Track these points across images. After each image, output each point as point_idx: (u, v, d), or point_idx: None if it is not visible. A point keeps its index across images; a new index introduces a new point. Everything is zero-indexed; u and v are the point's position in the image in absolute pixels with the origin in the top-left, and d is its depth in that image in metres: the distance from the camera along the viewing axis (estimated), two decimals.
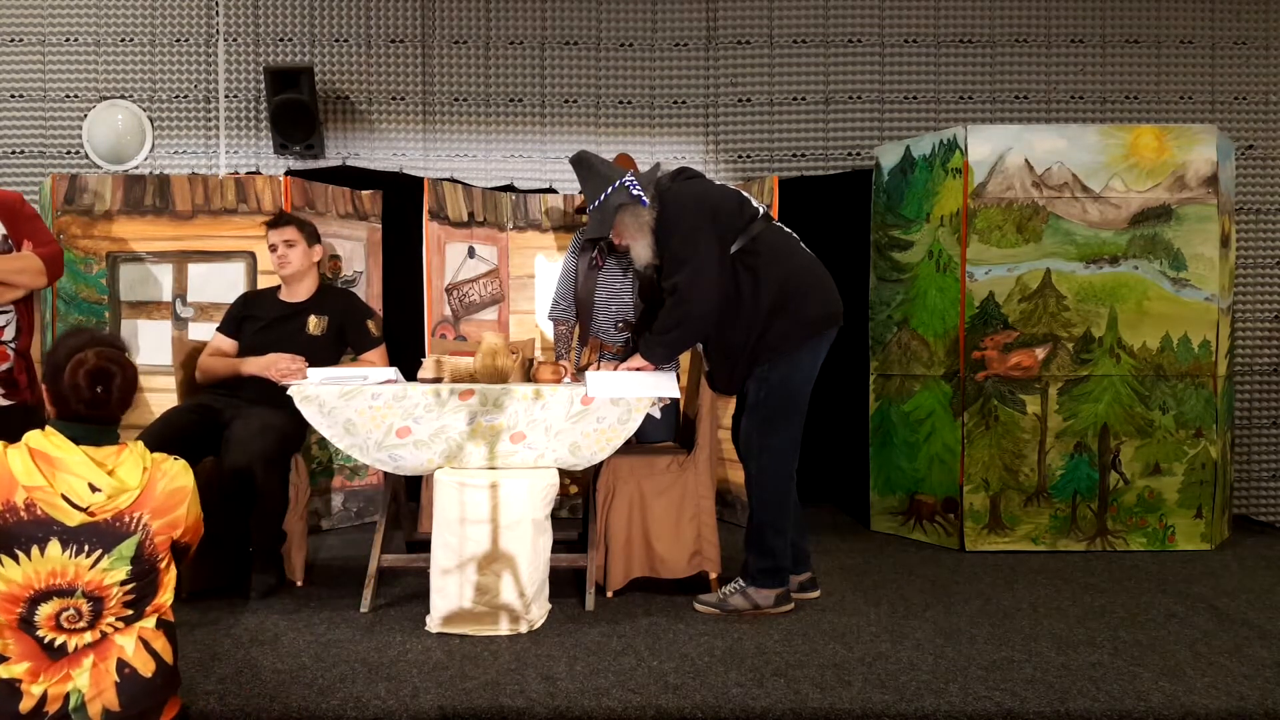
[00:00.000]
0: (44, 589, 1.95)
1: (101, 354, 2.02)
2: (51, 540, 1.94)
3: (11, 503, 1.93)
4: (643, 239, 3.31)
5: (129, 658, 2.03)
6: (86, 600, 1.98)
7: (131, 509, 2.00)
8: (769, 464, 3.29)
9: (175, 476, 2.09)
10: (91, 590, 1.98)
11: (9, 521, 1.93)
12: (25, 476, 1.93)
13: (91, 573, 1.97)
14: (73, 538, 1.95)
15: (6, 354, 3.16)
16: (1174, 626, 3.19)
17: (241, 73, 5.59)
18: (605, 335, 4.05)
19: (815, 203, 5.41)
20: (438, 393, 3.21)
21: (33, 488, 1.93)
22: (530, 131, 5.67)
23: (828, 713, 2.44)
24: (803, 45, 5.68)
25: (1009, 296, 4.39)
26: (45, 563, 1.94)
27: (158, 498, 2.04)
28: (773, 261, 3.24)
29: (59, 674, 1.98)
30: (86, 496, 1.95)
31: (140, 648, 2.05)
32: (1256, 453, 5.63)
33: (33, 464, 1.94)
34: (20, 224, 3.22)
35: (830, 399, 4.99)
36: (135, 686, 2.03)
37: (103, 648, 2.02)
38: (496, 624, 3.05)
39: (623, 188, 3.30)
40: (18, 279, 3.16)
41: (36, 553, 1.94)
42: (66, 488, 1.94)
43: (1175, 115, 5.64)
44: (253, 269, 4.67)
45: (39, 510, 1.94)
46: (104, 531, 1.98)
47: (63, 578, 1.96)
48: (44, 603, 1.96)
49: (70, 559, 1.95)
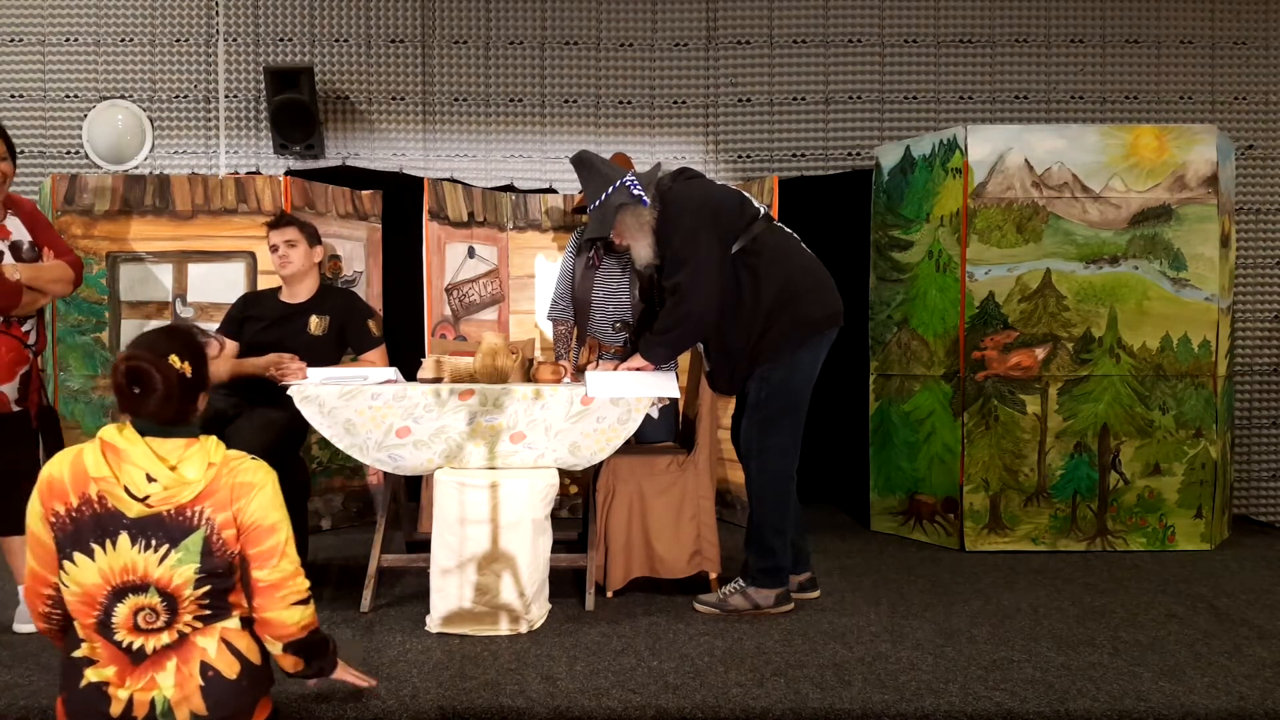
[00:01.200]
0: (119, 585, 1.96)
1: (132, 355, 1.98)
2: (121, 533, 1.95)
3: (86, 495, 1.95)
4: (643, 239, 3.31)
5: (212, 660, 2.01)
6: (161, 598, 1.97)
7: (194, 502, 1.99)
8: (769, 464, 3.29)
9: (244, 472, 2.06)
10: (164, 587, 1.97)
11: (85, 515, 1.95)
12: (95, 468, 1.95)
13: (161, 569, 1.97)
14: (140, 530, 1.95)
15: (28, 357, 3.19)
16: (1174, 626, 3.19)
17: (241, 73, 5.59)
18: (603, 335, 4.05)
19: (815, 203, 5.41)
20: (438, 393, 3.21)
21: (100, 479, 1.95)
22: (530, 131, 5.67)
23: (828, 713, 2.44)
24: (803, 45, 5.68)
25: (1009, 296, 4.39)
26: (118, 557, 1.95)
27: (221, 493, 2.01)
28: (773, 262, 3.24)
29: (144, 678, 1.98)
30: (144, 487, 1.95)
31: (223, 649, 2.03)
32: (1256, 453, 5.63)
33: (102, 456, 1.96)
34: (40, 231, 3.26)
35: (830, 399, 4.99)
36: (220, 690, 2.00)
37: (184, 650, 2.01)
38: (496, 624, 3.05)
39: (623, 188, 3.30)
40: (53, 288, 3.22)
41: (110, 546, 1.95)
42: (128, 478, 1.95)
43: (1175, 115, 5.64)
44: (253, 269, 4.67)
45: (109, 503, 1.95)
46: (169, 525, 1.97)
47: (135, 573, 1.96)
48: (121, 602, 1.96)
49: (140, 553, 1.95)
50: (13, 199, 3.26)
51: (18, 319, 3.14)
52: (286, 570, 2.10)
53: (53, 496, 1.97)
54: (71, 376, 4.65)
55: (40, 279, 3.16)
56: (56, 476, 1.97)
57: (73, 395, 4.61)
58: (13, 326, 3.14)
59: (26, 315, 3.16)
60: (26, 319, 3.17)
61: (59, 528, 1.96)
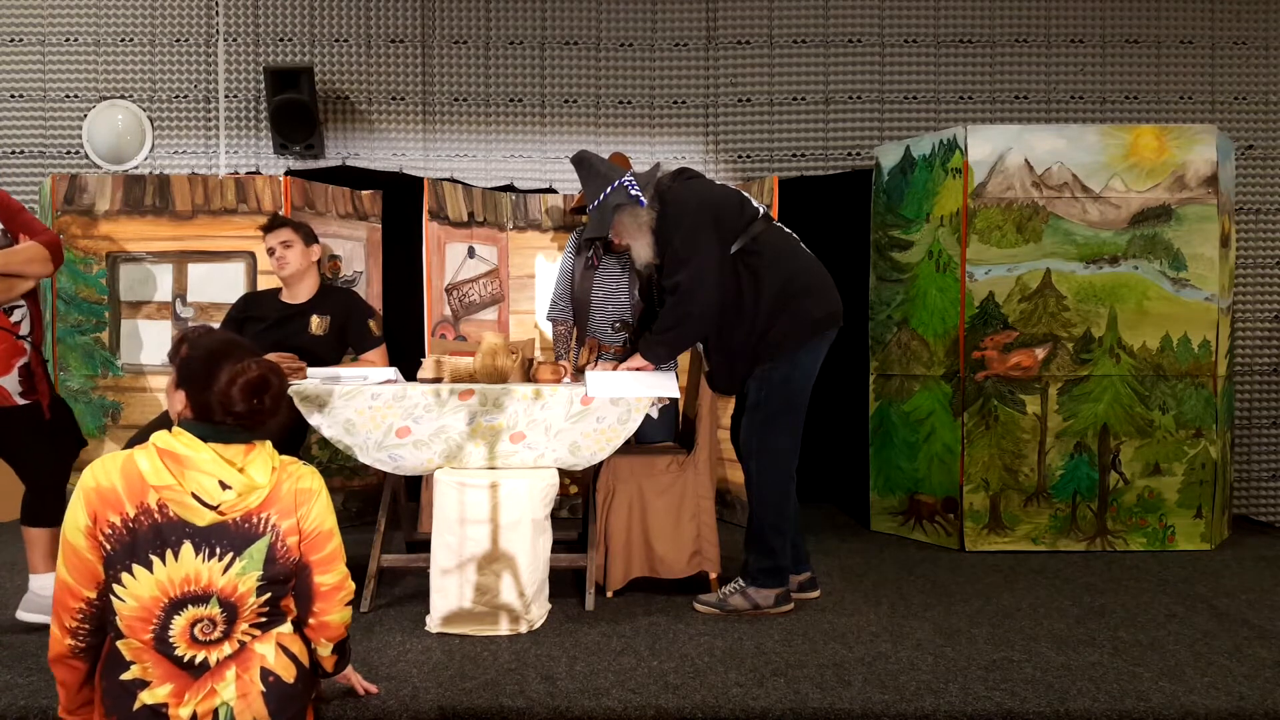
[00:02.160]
0: (179, 596, 1.89)
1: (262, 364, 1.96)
2: (185, 543, 1.88)
3: (145, 504, 1.88)
4: (642, 239, 3.31)
5: (271, 665, 1.97)
6: (221, 609, 1.92)
7: (260, 509, 1.95)
8: (769, 464, 3.29)
9: (302, 477, 2.03)
10: (227, 597, 1.92)
11: (144, 525, 1.88)
12: (154, 476, 1.88)
13: (225, 577, 1.91)
14: (204, 539, 1.89)
15: (24, 348, 3.16)
16: (1174, 626, 3.19)
17: (241, 73, 5.59)
18: (602, 335, 4.06)
19: (815, 203, 5.41)
20: (437, 393, 3.21)
21: (162, 487, 1.88)
22: (530, 131, 5.67)
23: (828, 713, 2.44)
24: (803, 45, 5.68)
25: (1009, 296, 4.39)
26: (179, 568, 1.88)
27: (285, 498, 1.99)
28: (773, 261, 3.24)
29: (204, 690, 1.92)
30: (217, 494, 1.90)
31: (280, 653, 2.00)
32: (1256, 453, 5.63)
33: (161, 463, 1.89)
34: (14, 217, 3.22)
35: (830, 399, 4.99)
36: (281, 694, 1.98)
37: (243, 657, 1.96)
38: (496, 624, 3.05)
39: (621, 188, 3.30)
40: (29, 269, 3.16)
41: (170, 557, 1.88)
42: (196, 486, 1.89)
43: (1175, 115, 5.64)
44: (252, 269, 4.67)
45: (170, 511, 1.88)
46: (234, 533, 1.92)
47: (197, 584, 1.90)
48: (178, 614, 1.90)
49: (203, 563, 1.89)
50: None
51: (4, 309, 3.11)
52: (343, 573, 2.12)
53: (106, 507, 1.88)
54: (71, 376, 4.65)
55: (11, 263, 3.10)
56: (107, 485, 1.89)
57: (72, 395, 4.61)
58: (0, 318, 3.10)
59: (12, 304, 3.13)
60: (14, 308, 3.14)
61: (114, 540, 1.88)
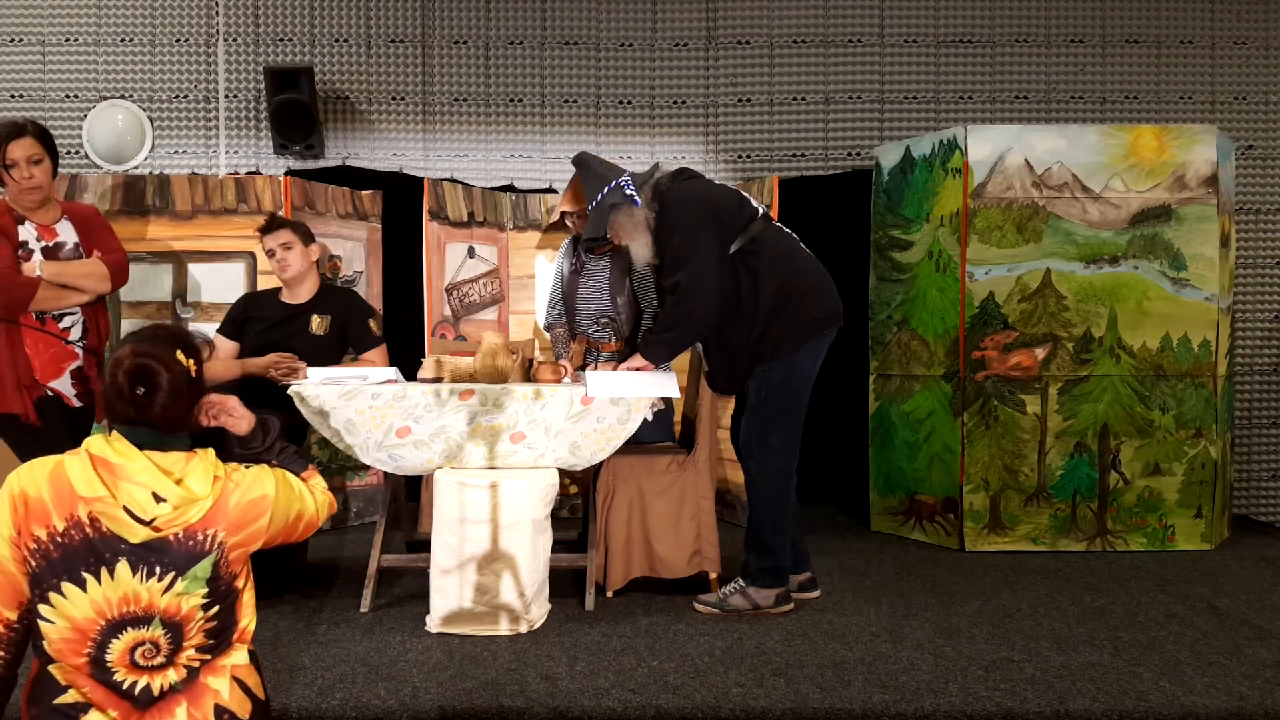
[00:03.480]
0: (117, 618, 1.70)
1: (140, 350, 1.76)
2: (120, 560, 1.69)
3: (75, 517, 1.69)
4: (640, 238, 3.31)
5: (226, 701, 1.79)
6: (164, 630, 1.74)
7: (203, 524, 1.75)
8: (769, 464, 3.29)
9: (251, 486, 1.83)
10: (170, 617, 1.74)
11: (74, 540, 1.68)
12: (85, 486, 1.68)
13: (165, 598, 1.72)
14: (141, 557, 1.70)
15: (75, 353, 3.33)
16: (1174, 626, 3.19)
17: (241, 73, 5.59)
18: (588, 333, 4.09)
19: (815, 203, 5.40)
20: (438, 393, 3.21)
21: (92, 499, 1.68)
22: (530, 131, 5.67)
23: (828, 713, 2.44)
24: (803, 45, 5.68)
25: (1009, 296, 4.39)
26: (116, 587, 1.69)
27: (232, 512, 1.79)
28: (773, 261, 3.25)
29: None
30: (150, 508, 1.70)
31: (235, 688, 1.81)
32: (1256, 453, 5.63)
33: (93, 472, 1.70)
34: (93, 233, 3.41)
35: (830, 399, 4.98)
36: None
37: (194, 692, 1.78)
38: (496, 624, 3.05)
39: (617, 188, 3.30)
40: (84, 283, 3.32)
41: (106, 575, 1.69)
42: (128, 498, 1.70)
43: (1175, 115, 5.64)
44: (252, 269, 4.67)
45: (103, 525, 1.69)
46: (175, 550, 1.72)
47: (136, 604, 1.71)
48: (116, 637, 1.71)
49: (142, 582, 1.70)
50: (72, 207, 3.45)
51: (53, 315, 3.28)
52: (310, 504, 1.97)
53: (30, 518, 1.69)
54: None
55: (65, 275, 3.28)
56: (34, 495, 1.69)
57: None
58: (48, 323, 3.27)
59: (63, 312, 3.29)
60: (65, 314, 3.30)
61: (39, 555, 1.68)
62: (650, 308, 3.94)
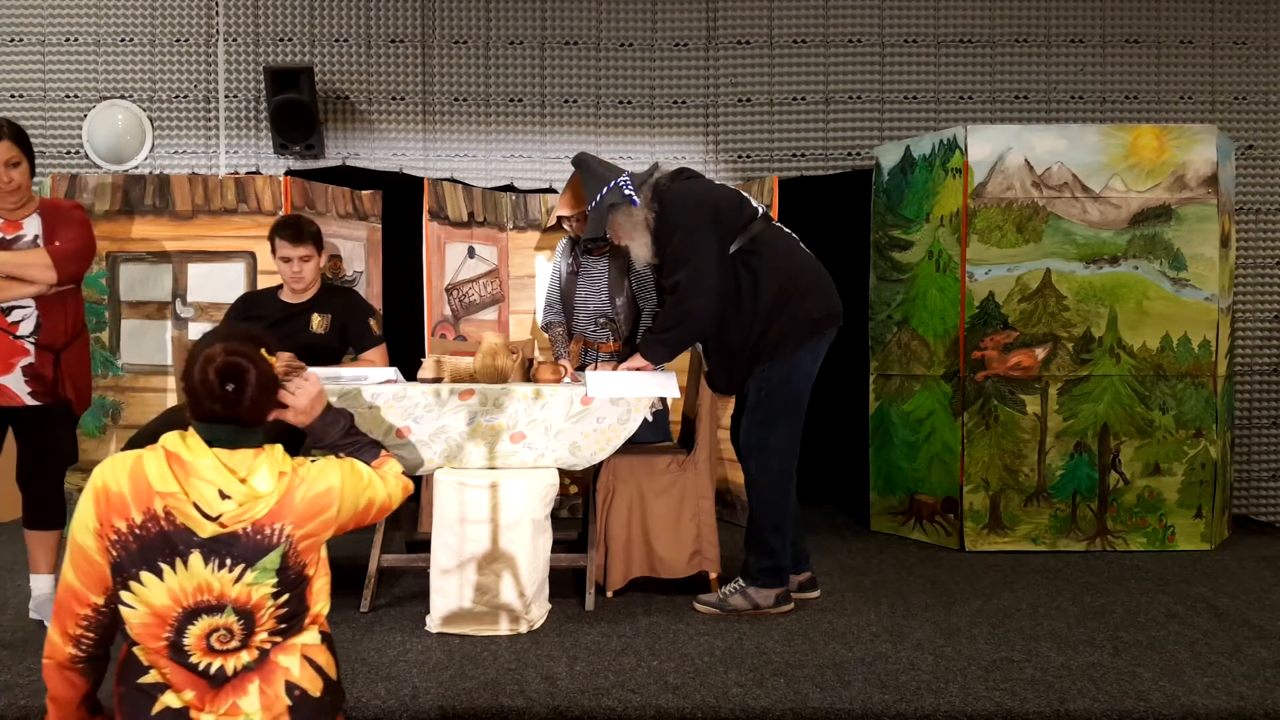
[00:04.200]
0: (192, 605, 1.79)
1: (232, 349, 1.85)
2: (193, 552, 1.78)
3: (152, 510, 1.77)
4: (639, 238, 3.31)
5: (296, 679, 1.86)
6: (237, 617, 1.82)
7: (270, 519, 1.82)
8: (769, 464, 3.30)
9: (316, 479, 1.90)
10: (241, 606, 1.82)
11: (151, 532, 1.77)
12: (160, 481, 1.77)
13: (237, 588, 1.80)
14: (212, 550, 1.78)
15: (25, 349, 3.17)
16: (1174, 626, 3.19)
17: (241, 73, 5.59)
18: (586, 333, 4.09)
19: (815, 203, 5.41)
20: (437, 393, 3.21)
21: (166, 494, 1.77)
22: (530, 131, 5.67)
23: (828, 713, 2.44)
24: (803, 45, 5.68)
25: (1009, 296, 4.39)
26: (190, 577, 1.78)
27: (298, 506, 1.86)
28: (773, 261, 3.25)
29: (226, 703, 1.81)
30: (216, 504, 1.79)
31: (306, 666, 1.88)
32: (1256, 453, 5.63)
33: (168, 468, 1.79)
34: (57, 226, 3.24)
35: (830, 399, 4.98)
36: (308, 709, 1.86)
37: (267, 670, 1.85)
38: (496, 624, 3.05)
39: (616, 188, 3.30)
40: (26, 273, 3.15)
41: (180, 566, 1.77)
42: (198, 495, 1.78)
43: (1175, 115, 5.64)
44: (253, 269, 4.67)
45: (176, 519, 1.78)
46: (244, 544, 1.80)
47: (210, 593, 1.79)
48: (192, 623, 1.80)
49: (214, 573, 1.79)
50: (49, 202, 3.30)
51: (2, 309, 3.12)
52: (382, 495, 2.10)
53: (111, 510, 1.79)
54: None
55: (6, 265, 3.11)
56: (115, 490, 1.79)
57: None
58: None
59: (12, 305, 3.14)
60: (14, 308, 3.14)
61: (120, 546, 1.78)
62: (649, 308, 3.94)
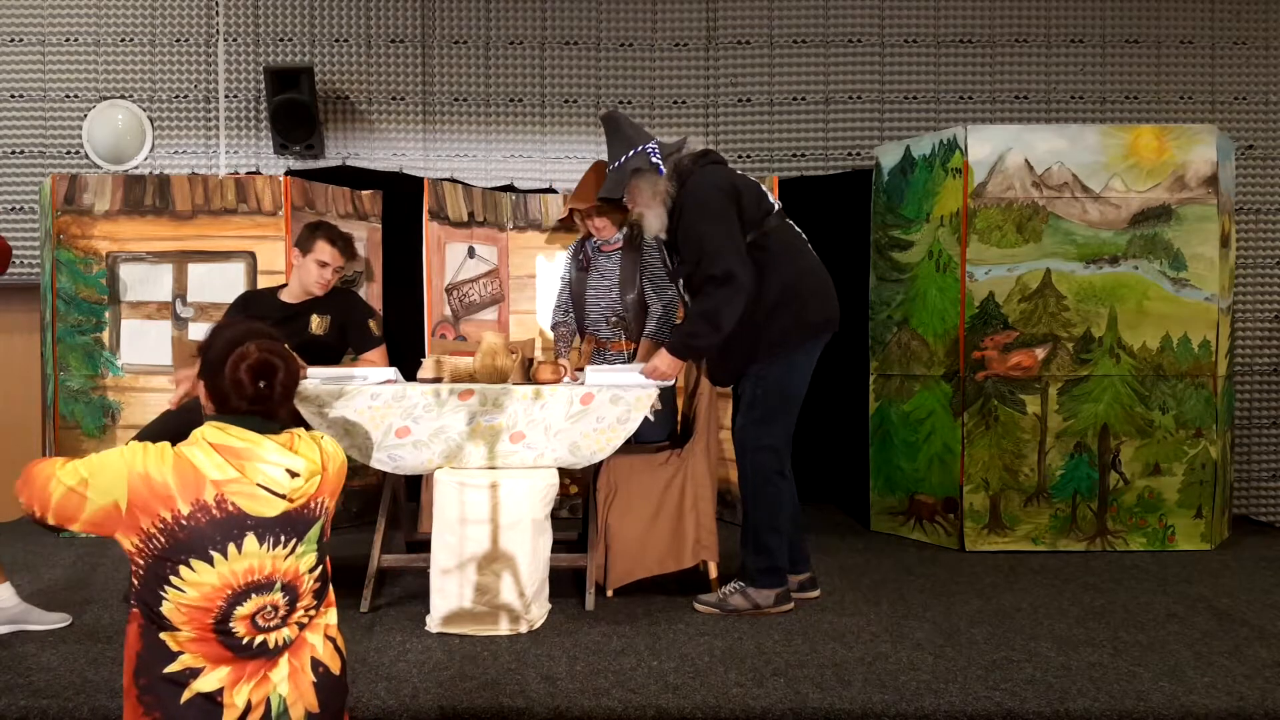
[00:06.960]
0: (242, 587, 1.82)
1: (264, 346, 1.91)
2: (248, 535, 1.82)
3: (202, 501, 1.80)
4: (655, 209, 3.30)
5: (320, 655, 1.92)
6: (283, 594, 1.87)
7: (318, 492, 1.91)
8: (761, 462, 3.30)
9: (336, 452, 1.99)
10: (288, 580, 1.87)
11: (200, 522, 1.80)
12: (215, 471, 1.81)
13: (287, 562, 1.86)
14: (268, 529, 1.83)
15: None
16: (1174, 626, 3.19)
17: (241, 73, 5.59)
18: (598, 332, 4.08)
19: (815, 203, 5.40)
20: (437, 393, 3.21)
21: (224, 481, 1.81)
22: (530, 131, 5.67)
23: (828, 713, 2.44)
24: (803, 45, 5.68)
25: (1009, 296, 4.39)
26: (242, 560, 1.81)
27: (332, 479, 1.96)
28: (781, 258, 3.25)
29: (257, 676, 1.84)
30: (286, 482, 1.84)
31: (328, 644, 1.95)
32: (1256, 453, 5.63)
33: (219, 458, 1.82)
34: None
35: (830, 399, 4.99)
36: (330, 685, 1.92)
37: (296, 645, 1.91)
38: (496, 624, 3.05)
39: (643, 154, 3.29)
40: None
41: (234, 550, 1.81)
42: (263, 477, 1.82)
43: (1175, 115, 5.64)
44: (252, 269, 4.67)
45: (230, 505, 1.81)
46: (297, 519, 1.88)
47: (260, 573, 1.83)
48: (241, 604, 1.82)
49: (267, 552, 1.83)
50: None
51: None
52: None
53: (153, 497, 1.80)
54: (71, 376, 4.65)
55: None
56: (159, 479, 1.80)
57: (73, 395, 4.61)
58: None
59: None
60: None
61: (165, 534, 1.79)
62: (661, 305, 3.88)
